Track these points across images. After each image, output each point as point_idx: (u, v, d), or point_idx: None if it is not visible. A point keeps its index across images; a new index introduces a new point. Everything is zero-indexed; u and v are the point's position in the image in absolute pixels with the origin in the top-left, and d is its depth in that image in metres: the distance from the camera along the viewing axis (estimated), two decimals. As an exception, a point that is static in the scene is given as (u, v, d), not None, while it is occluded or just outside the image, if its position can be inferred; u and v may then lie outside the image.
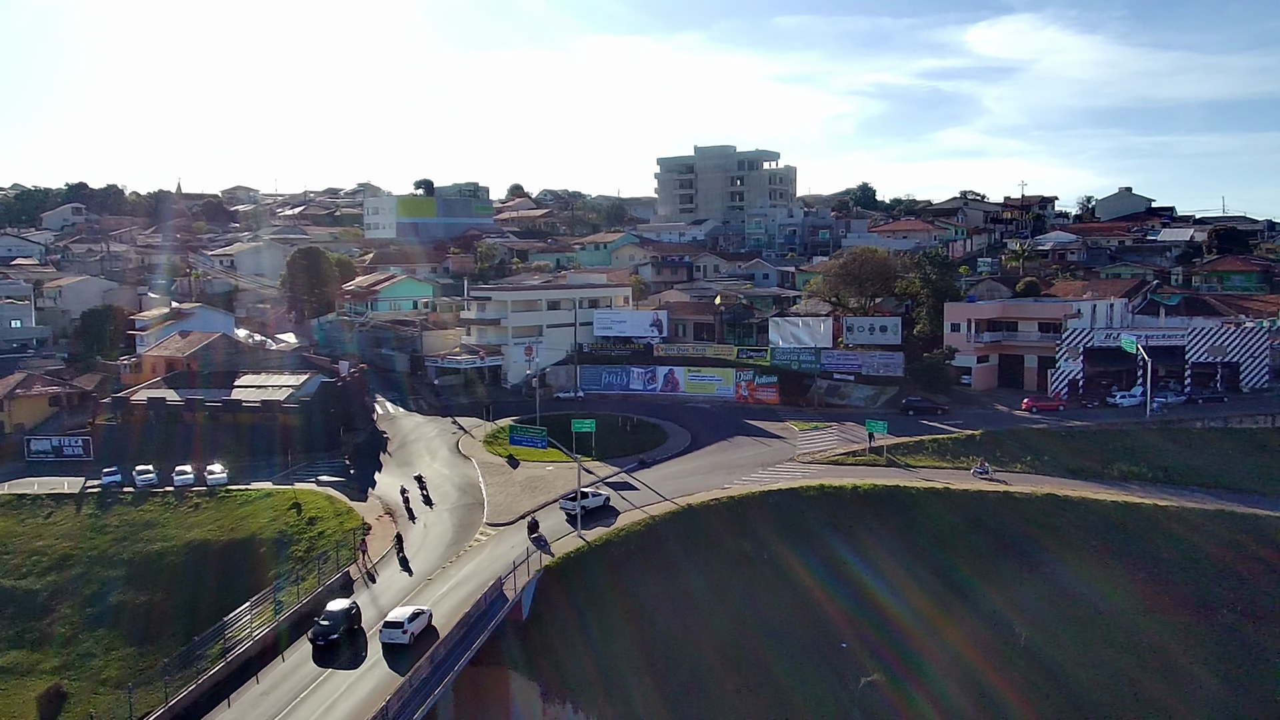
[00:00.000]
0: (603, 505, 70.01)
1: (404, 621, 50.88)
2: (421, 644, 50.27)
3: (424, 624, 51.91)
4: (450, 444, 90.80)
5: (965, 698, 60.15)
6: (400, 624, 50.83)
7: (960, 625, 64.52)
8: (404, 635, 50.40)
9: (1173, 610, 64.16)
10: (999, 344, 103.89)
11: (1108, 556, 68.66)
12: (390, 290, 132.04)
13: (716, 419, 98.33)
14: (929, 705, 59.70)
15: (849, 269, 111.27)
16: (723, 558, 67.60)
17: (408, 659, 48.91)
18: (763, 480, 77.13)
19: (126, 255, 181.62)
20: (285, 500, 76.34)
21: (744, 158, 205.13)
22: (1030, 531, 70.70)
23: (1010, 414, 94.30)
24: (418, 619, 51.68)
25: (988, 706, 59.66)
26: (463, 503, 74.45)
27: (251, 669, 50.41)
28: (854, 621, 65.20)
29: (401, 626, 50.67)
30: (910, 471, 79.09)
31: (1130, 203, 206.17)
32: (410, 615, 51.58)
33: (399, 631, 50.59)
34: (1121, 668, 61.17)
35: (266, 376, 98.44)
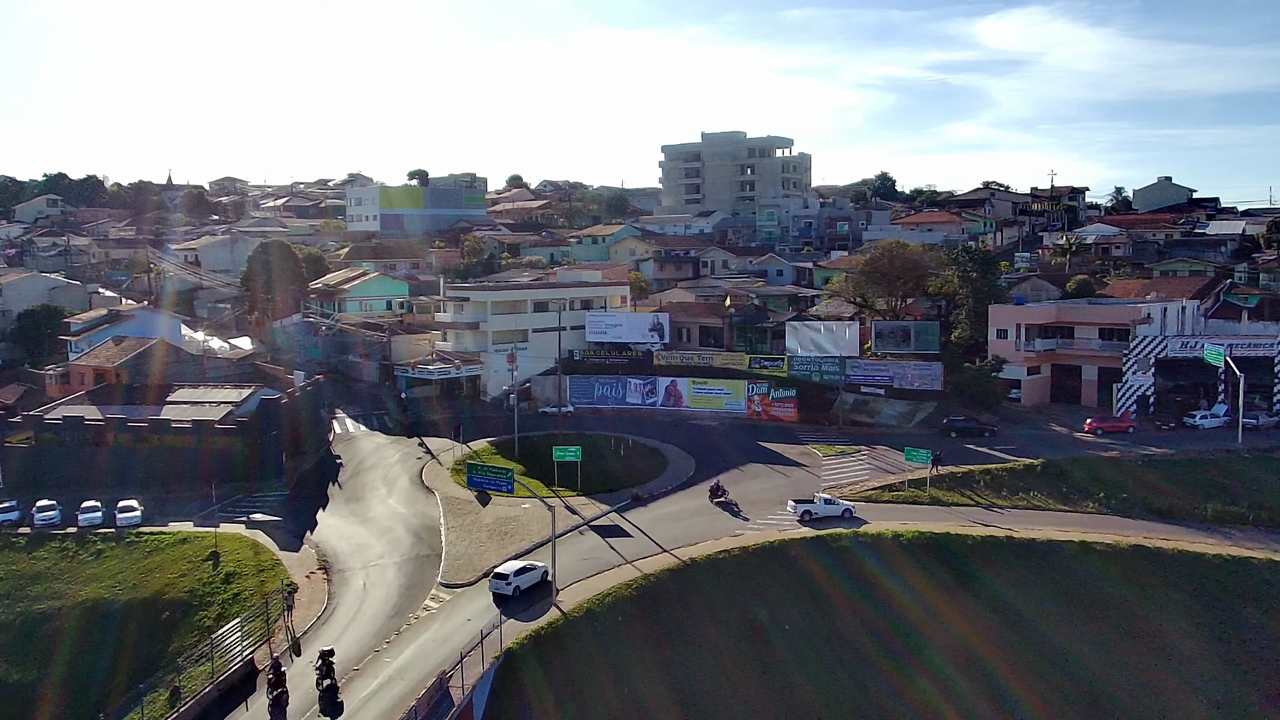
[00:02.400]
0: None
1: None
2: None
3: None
4: (413, 472, 77.22)
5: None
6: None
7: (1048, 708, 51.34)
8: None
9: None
10: (1053, 353, 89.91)
11: (1213, 626, 55.11)
12: (360, 289, 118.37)
13: (725, 440, 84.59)
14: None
15: (877, 265, 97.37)
16: (733, 629, 54.13)
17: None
18: (782, 523, 63.57)
19: (89, 250, 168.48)
20: (203, 548, 62.89)
21: (755, 144, 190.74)
22: (1118, 593, 57.05)
23: (1071, 437, 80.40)
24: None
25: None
26: (415, 554, 60.88)
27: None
28: (900, 711, 51.89)
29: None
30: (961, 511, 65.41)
31: (1170, 193, 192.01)
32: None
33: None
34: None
35: (205, 390, 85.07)
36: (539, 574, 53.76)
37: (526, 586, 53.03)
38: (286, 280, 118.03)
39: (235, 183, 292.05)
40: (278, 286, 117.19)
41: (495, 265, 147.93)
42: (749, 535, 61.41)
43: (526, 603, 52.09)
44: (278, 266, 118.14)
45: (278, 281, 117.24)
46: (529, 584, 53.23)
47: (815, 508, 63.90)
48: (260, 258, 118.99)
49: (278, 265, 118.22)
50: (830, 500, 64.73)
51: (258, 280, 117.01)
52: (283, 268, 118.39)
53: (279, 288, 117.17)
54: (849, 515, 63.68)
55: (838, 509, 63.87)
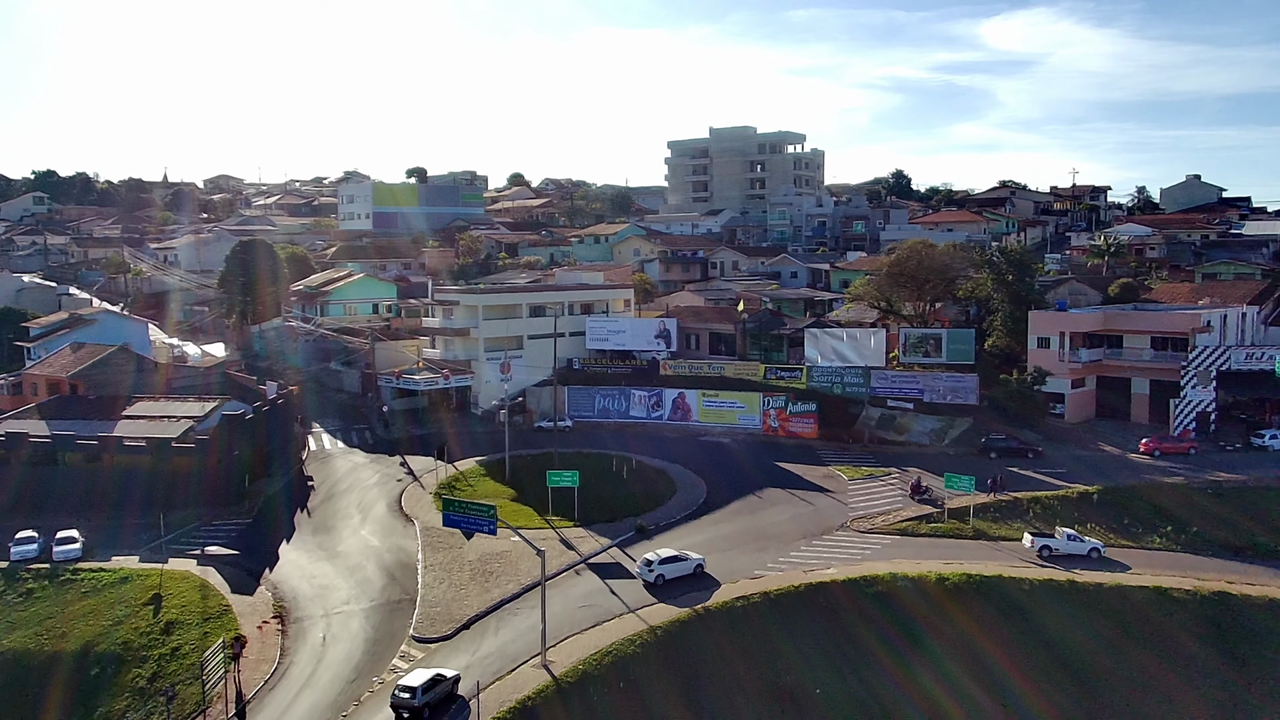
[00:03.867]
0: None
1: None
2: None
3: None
4: (391, 497, 69.16)
5: None
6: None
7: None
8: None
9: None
10: (1099, 364, 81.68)
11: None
12: (344, 290, 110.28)
13: (739, 460, 76.55)
14: None
15: (903, 267, 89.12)
16: (755, 696, 46.10)
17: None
18: (807, 561, 55.62)
19: (67, 248, 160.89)
20: (145, 589, 54.91)
21: (765, 140, 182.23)
22: (1201, 652, 48.90)
23: (1124, 459, 72.17)
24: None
25: None
26: (386, 598, 52.87)
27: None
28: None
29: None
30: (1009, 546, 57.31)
31: (1199, 192, 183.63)
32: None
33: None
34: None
35: (166, 404, 77.06)
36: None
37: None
38: (267, 281, 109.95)
39: (229, 180, 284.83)
40: (257, 288, 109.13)
41: (492, 266, 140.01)
42: (770, 577, 53.37)
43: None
44: (258, 267, 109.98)
45: (257, 283, 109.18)
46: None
47: (1057, 544, 56.27)
48: (239, 257, 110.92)
49: (258, 265, 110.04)
50: (1075, 536, 56.87)
51: (236, 281, 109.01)
52: (263, 268, 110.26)
53: (259, 289, 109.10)
54: (1097, 555, 55.73)
55: (1083, 547, 56.15)
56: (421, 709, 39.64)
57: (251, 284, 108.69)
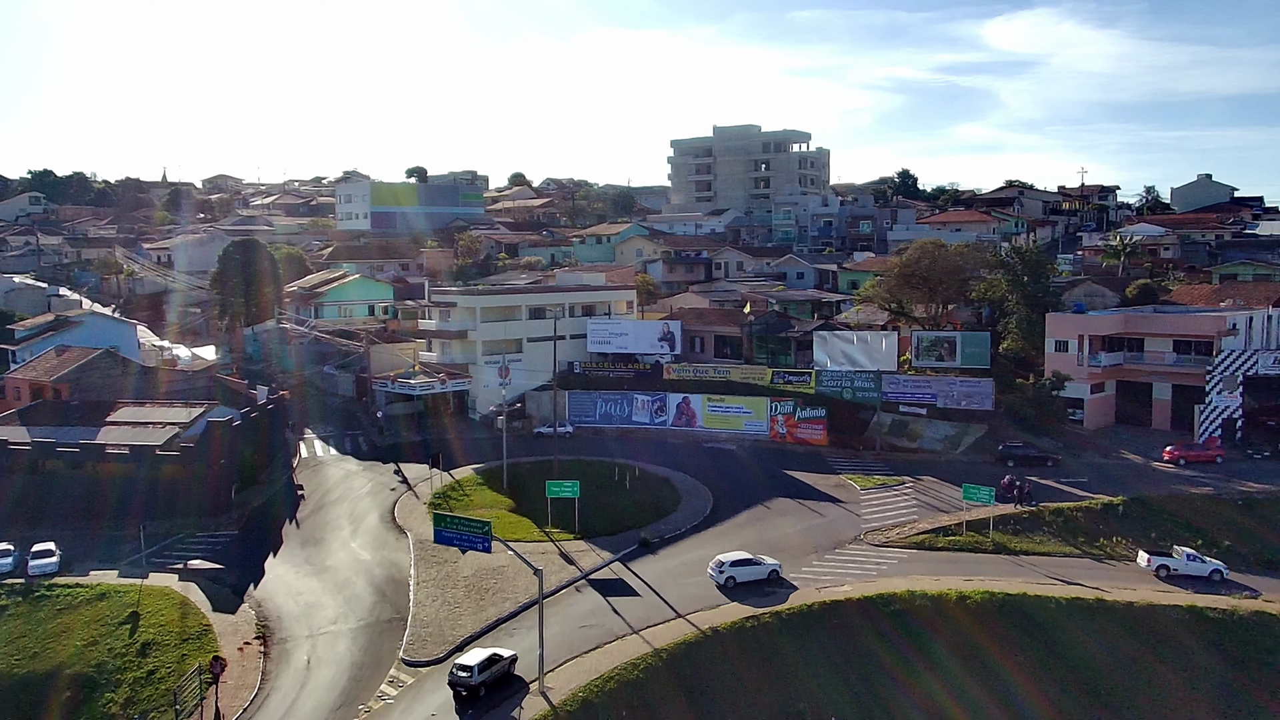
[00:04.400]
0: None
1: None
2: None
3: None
4: (384, 507, 66.38)
5: None
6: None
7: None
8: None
9: None
10: (1120, 368, 78.76)
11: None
12: (339, 292, 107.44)
13: (746, 468, 73.75)
14: None
15: (916, 268, 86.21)
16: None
17: None
18: (819, 578, 52.79)
19: (60, 249, 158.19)
20: (122, 607, 52.12)
21: (770, 139, 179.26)
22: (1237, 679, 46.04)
23: (1148, 468, 69.30)
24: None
25: None
26: (376, 617, 50.07)
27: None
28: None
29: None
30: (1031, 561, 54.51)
31: (1210, 191, 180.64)
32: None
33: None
34: None
35: (151, 409, 74.29)
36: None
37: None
38: (261, 282, 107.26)
39: (228, 180, 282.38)
40: (251, 289, 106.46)
41: (492, 266, 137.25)
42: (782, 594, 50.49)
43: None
44: (251, 267, 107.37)
45: (251, 284, 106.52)
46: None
47: (1176, 564, 53.30)
48: (232, 257, 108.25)
49: (251, 266, 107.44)
50: (1196, 556, 53.63)
51: (229, 282, 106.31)
52: (257, 269, 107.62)
53: (252, 290, 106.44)
54: (1219, 578, 52.44)
55: (1205, 568, 52.93)
56: (478, 687, 40.89)
57: (245, 285, 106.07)
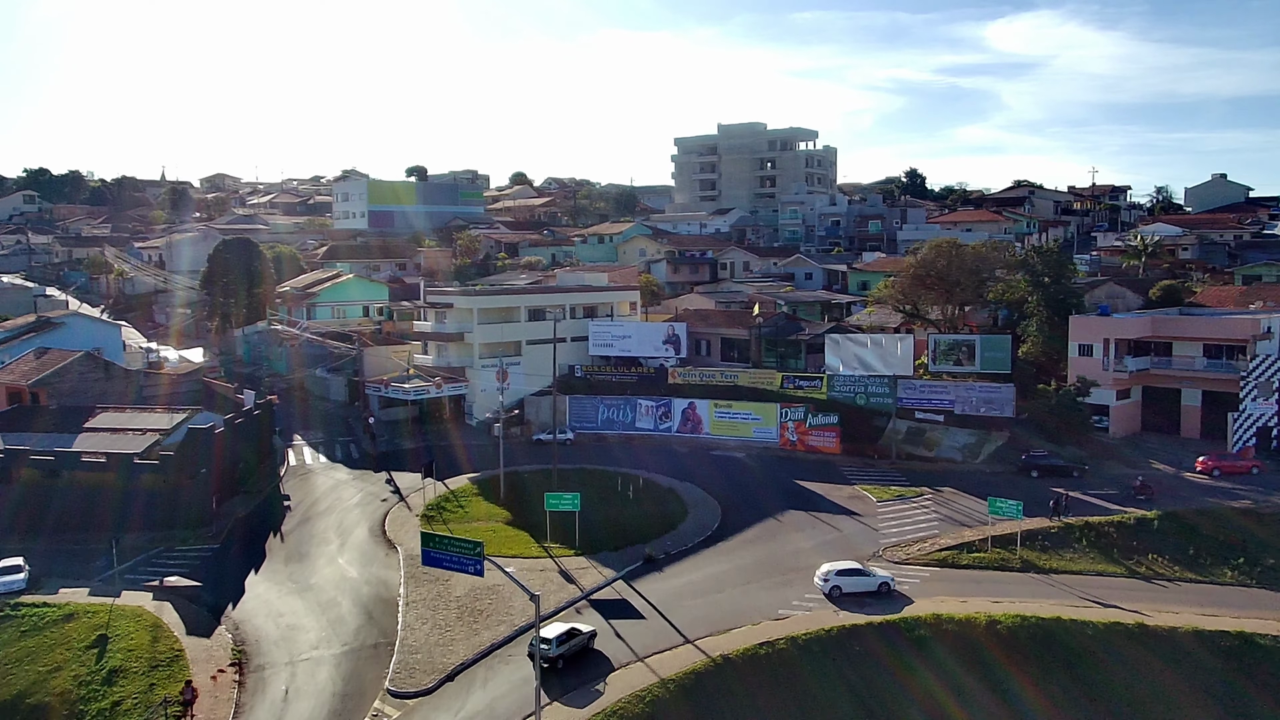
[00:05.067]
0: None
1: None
2: None
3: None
4: (374, 519, 62.89)
5: None
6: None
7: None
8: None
9: None
10: (1146, 373, 75.24)
11: None
12: (333, 292, 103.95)
13: (756, 478, 70.26)
14: None
15: (932, 268, 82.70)
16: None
17: None
18: (838, 599, 49.17)
19: (51, 248, 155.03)
20: (91, 629, 48.57)
21: (775, 136, 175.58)
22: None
23: (1179, 478, 65.80)
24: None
25: None
26: (361, 641, 46.53)
27: None
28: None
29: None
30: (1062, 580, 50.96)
31: (1225, 191, 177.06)
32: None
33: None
34: None
35: (132, 415, 70.92)
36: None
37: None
38: (252, 282, 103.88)
39: (226, 179, 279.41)
40: (242, 289, 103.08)
41: (491, 266, 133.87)
42: (798, 619, 47.02)
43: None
44: (243, 266, 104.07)
45: (242, 284, 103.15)
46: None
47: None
48: (223, 256, 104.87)
49: (243, 265, 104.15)
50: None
51: (220, 282, 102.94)
52: (249, 268, 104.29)
53: (243, 291, 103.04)
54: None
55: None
56: (556, 659, 42.12)
57: (236, 285, 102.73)
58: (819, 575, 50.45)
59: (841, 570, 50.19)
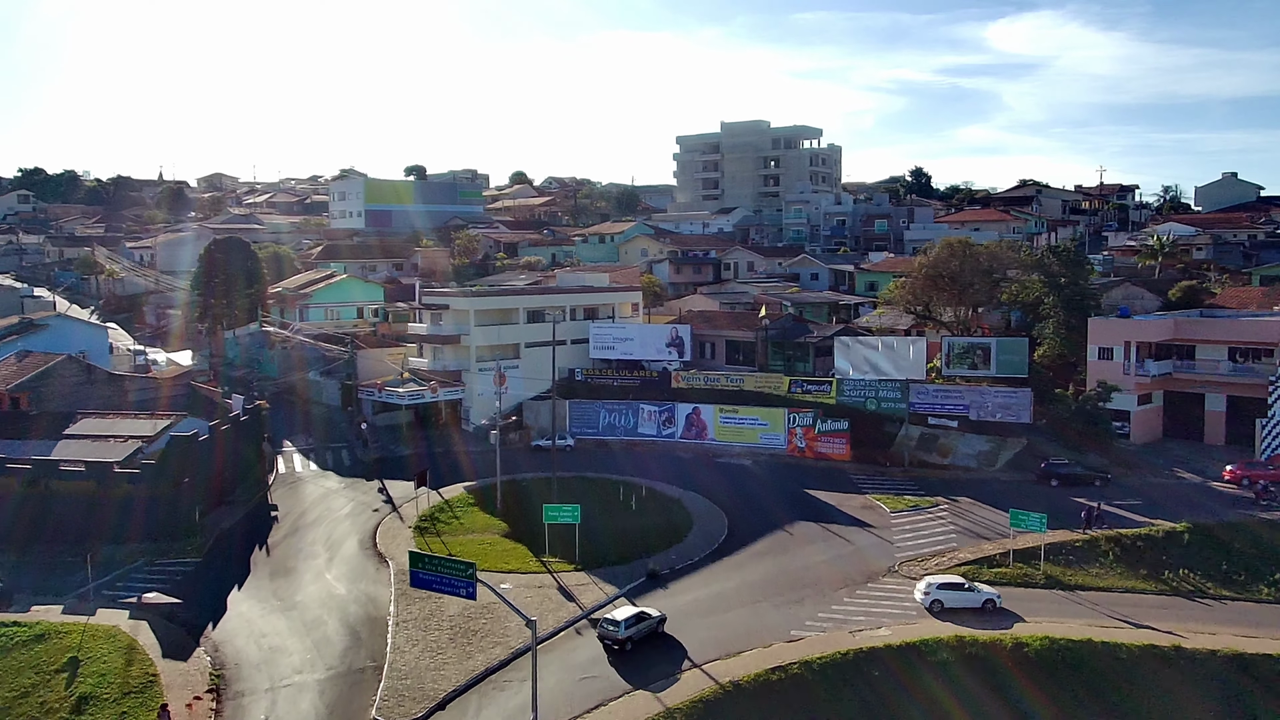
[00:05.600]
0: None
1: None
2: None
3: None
4: (365, 531, 60.15)
5: None
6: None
7: None
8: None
9: None
10: (1169, 378, 72.52)
11: None
12: (327, 293, 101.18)
13: (763, 487, 67.55)
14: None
15: (944, 268, 79.99)
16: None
17: None
18: (852, 618, 46.52)
19: (42, 248, 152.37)
20: (62, 650, 45.83)
21: (779, 134, 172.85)
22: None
23: (1207, 488, 63.05)
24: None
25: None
26: (347, 665, 43.75)
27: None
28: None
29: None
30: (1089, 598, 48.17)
31: (1236, 190, 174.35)
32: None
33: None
34: None
35: (114, 421, 68.13)
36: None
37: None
38: (244, 283, 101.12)
39: (224, 179, 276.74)
40: (233, 290, 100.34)
41: (490, 266, 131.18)
42: (811, 641, 44.27)
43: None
44: (235, 267, 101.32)
45: (233, 284, 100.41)
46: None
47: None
48: (215, 256, 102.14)
49: (235, 265, 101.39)
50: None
51: (210, 282, 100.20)
52: (239, 268, 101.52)
53: (234, 291, 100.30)
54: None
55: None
56: (625, 640, 42.94)
57: (227, 286, 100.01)
58: (919, 588, 48.23)
59: (944, 584, 47.95)
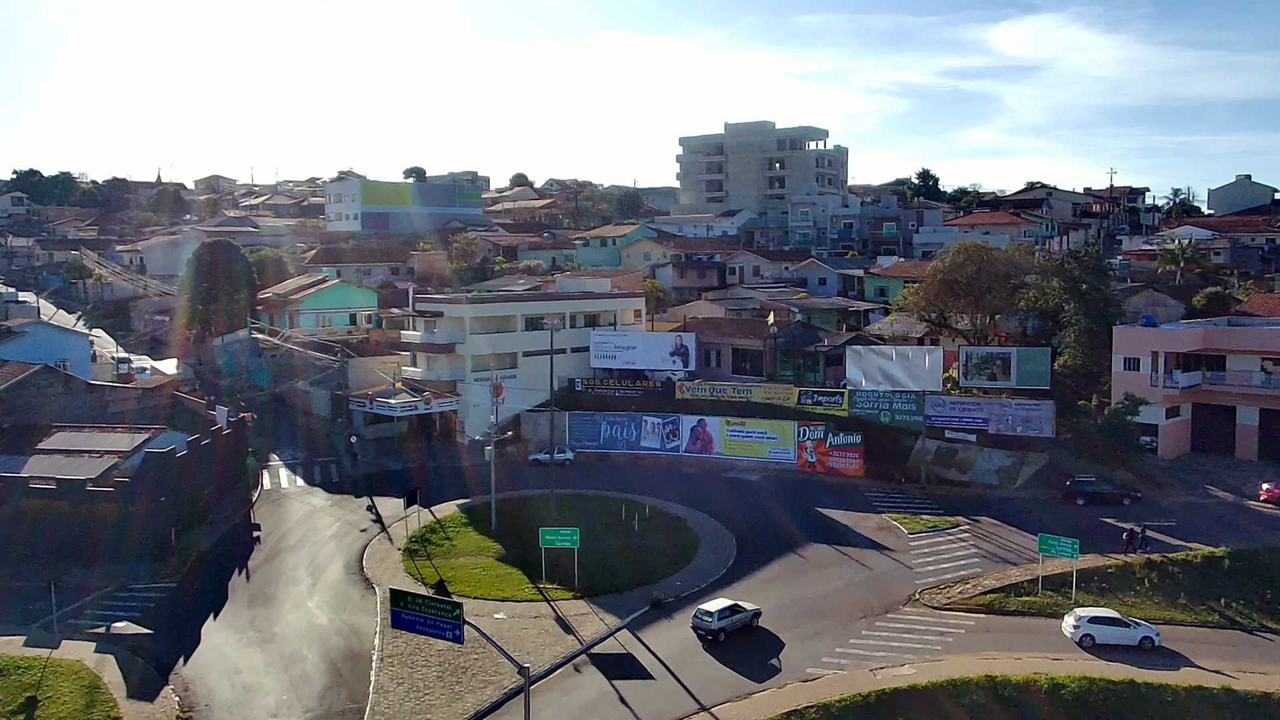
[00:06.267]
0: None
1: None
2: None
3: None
4: (351, 554, 56.74)
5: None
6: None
7: None
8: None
9: None
10: (1198, 389, 69.07)
11: None
12: (317, 298, 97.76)
13: (773, 505, 64.12)
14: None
15: (960, 273, 76.59)
16: None
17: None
18: (873, 653, 43.07)
19: (31, 251, 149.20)
20: (21, 688, 42.38)
21: (785, 135, 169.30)
22: None
23: (1242, 507, 59.71)
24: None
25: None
26: (326, 707, 40.21)
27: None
28: None
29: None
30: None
31: (1251, 193, 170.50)
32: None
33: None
34: None
35: (90, 435, 64.82)
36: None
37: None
38: (233, 288, 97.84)
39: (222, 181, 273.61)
40: (222, 295, 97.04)
41: (489, 270, 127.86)
42: (830, 680, 40.85)
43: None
44: (223, 271, 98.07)
45: (222, 289, 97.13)
46: None
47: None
48: (203, 260, 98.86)
49: (223, 269, 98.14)
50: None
51: (198, 287, 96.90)
52: (229, 273, 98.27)
53: (224, 297, 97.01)
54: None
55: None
56: (718, 632, 44.27)
57: (216, 291, 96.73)
58: (1069, 621, 44.89)
59: (1096, 617, 44.59)
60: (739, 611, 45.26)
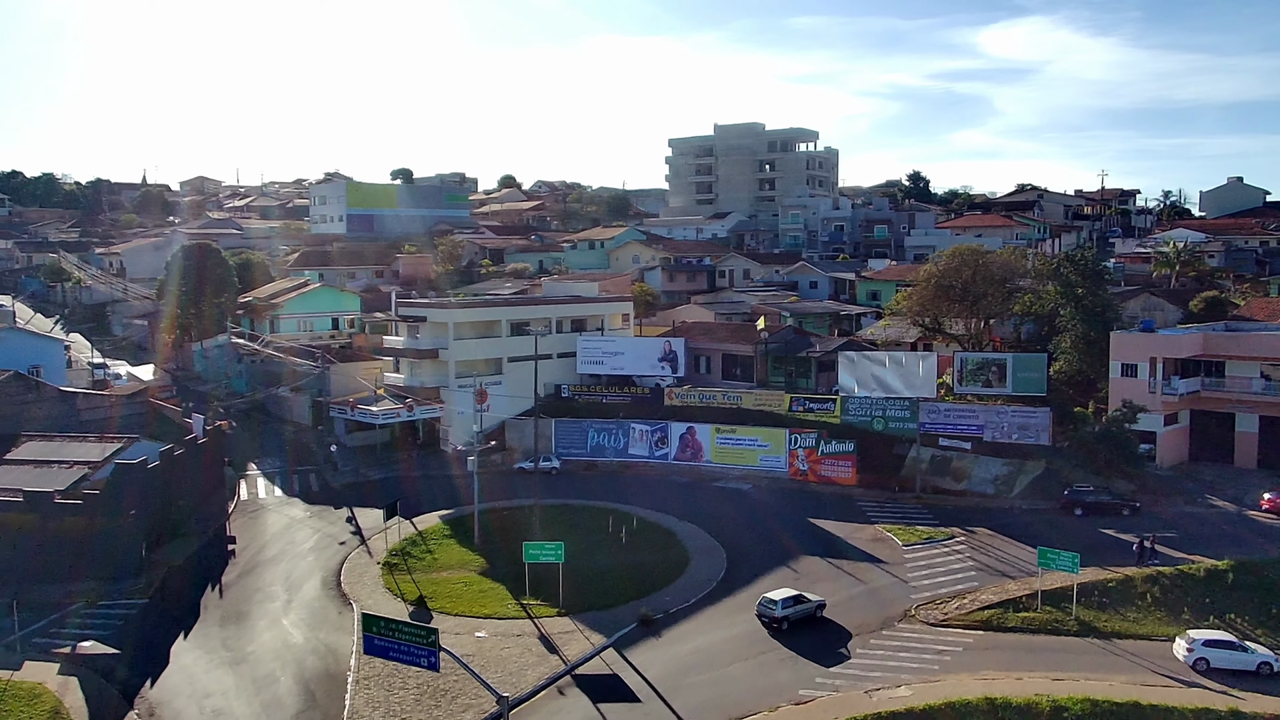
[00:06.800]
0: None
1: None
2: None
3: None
4: (329, 569, 54.92)
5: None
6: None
7: None
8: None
9: None
10: (1197, 396, 67.78)
11: None
12: (299, 302, 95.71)
13: (765, 516, 62.59)
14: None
15: (955, 278, 75.19)
16: None
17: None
18: (868, 673, 41.52)
19: (10, 253, 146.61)
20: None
21: (775, 137, 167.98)
22: None
23: (1243, 517, 58.34)
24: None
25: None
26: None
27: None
28: None
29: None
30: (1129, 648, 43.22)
31: (1243, 195, 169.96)
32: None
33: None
34: None
35: (59, 445, 62.90)
36: None
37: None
38: (213, 291, 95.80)
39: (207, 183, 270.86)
40: (202, 299, 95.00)
41: (475, 274, 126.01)
42: (823, 703, 39.24)
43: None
44: (203, 274, 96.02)
45: (202, 293, 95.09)
46: None
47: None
48: (182, 263, 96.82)
49: (203, 272, 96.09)
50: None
51: (176, 291, 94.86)
52: (209, 275, 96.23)
53: (203, 301, 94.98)
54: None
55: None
56: (782, 620, 45.52)
57: (195, 294, 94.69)
58: (1181, 644, 42.97)
59: (1210, 641, 42.69)
60: (804, 601, 46.60)
